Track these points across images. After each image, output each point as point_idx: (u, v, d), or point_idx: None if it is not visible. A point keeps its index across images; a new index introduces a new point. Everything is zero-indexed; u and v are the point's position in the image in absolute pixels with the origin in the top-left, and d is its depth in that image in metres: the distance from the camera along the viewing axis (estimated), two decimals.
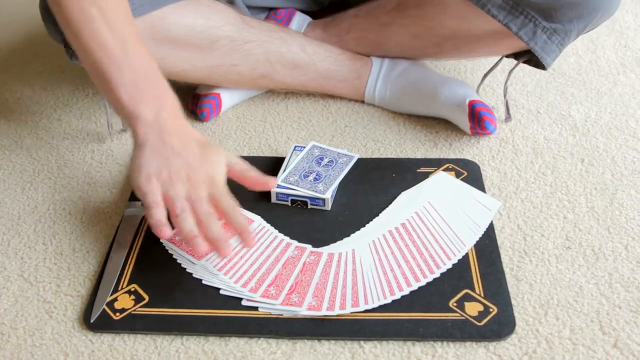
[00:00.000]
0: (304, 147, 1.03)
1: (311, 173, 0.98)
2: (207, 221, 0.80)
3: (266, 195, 0.97)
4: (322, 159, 1.01)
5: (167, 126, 0.84)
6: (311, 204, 0.95)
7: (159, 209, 0.80)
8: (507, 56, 1.09)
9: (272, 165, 1.03)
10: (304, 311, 0.80)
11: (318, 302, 0.81)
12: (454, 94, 1.09)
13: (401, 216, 0.93)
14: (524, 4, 0.96)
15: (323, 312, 0.79)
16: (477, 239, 0.88)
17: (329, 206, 0.95)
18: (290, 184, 0.96)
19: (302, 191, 0.95)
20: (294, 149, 1.03)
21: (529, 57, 1.04)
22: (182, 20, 1.02)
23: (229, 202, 0.83)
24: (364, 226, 0.92)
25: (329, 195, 0.94)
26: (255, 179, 0.89)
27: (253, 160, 1.04)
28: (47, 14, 0.96)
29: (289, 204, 0.96)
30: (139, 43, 0.87)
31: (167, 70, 1.07)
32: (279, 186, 0.96)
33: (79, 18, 0.85)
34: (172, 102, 0.87)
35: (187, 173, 0.82)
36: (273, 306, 0.81)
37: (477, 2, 0.98)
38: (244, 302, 0.82)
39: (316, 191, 0.95)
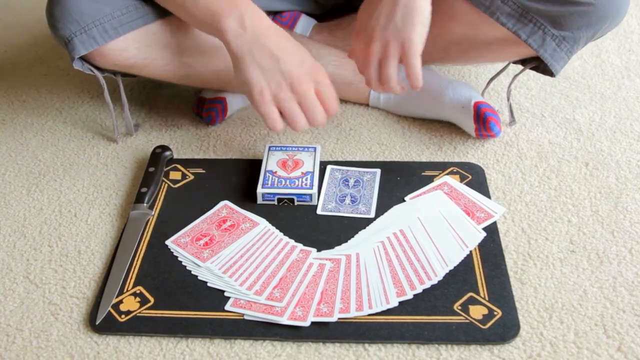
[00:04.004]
0: (279, 147, 1.05)
1: (345, 196, 0.98)
2: (312, 109, 0.92)
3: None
4: (347, 180, 1.01)
5: (256, 31, 0.87)
6: (298, 200, 0.97)
7: (276, 121, 0.92)
8: (515, 62, 1.09)
9: None
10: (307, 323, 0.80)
11: (329, 307, 0.81)
12: (459, 95, 1.09)
13: (388, 230, 0.92)
14: (533, 12, 0.96)
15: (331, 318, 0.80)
16: (463, 257, 0.87)
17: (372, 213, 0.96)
18: (330, 211, 0.96)
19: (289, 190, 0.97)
20: (269, 149, 1.05)
21: (536, 64, 1.04)
22: (186, 26, 1.02)
23: (331, 91, 0.94)
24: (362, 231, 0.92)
25: (373, 214, 0.95)
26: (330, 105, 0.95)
27: (258, 164, 1.05)
28: (53, 18, 0.97)
29: (275, 203, 0.97)
30: None
31: (172, 74, 1.07)
32: (264, 186, 0.97)
33: None
34: (251, 6, 0.89)
35: (292, 76, 0.90)
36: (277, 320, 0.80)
37: (486, 9, 0.98)
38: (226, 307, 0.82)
39: (360, 213, 0.95)
